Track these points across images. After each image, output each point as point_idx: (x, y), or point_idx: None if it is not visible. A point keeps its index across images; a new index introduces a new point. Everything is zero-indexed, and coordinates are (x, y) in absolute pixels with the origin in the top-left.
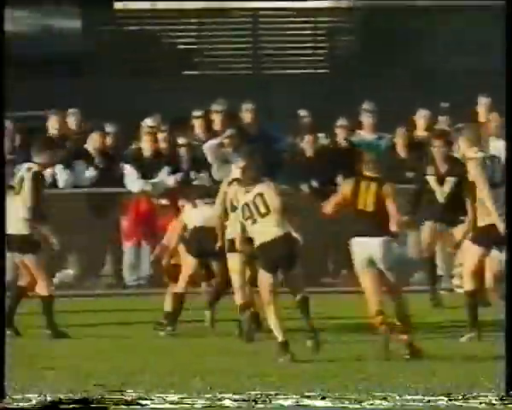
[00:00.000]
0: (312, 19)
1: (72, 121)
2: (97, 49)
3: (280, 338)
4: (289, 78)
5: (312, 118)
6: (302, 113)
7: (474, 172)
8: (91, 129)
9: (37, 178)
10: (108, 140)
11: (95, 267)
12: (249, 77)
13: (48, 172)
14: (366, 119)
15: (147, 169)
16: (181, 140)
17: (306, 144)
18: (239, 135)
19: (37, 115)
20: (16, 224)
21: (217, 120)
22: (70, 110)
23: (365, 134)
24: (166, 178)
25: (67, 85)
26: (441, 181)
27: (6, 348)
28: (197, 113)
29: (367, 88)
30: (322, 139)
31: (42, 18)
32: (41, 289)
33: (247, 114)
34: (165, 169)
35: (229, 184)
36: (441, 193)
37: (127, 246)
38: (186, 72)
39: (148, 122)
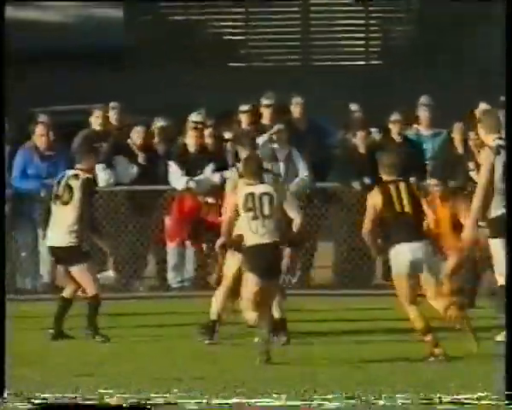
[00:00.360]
0: (364, 8)
1: (113, 116)
2: (140, 40)
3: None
4: (340, 70)
5: (364, 112)
6: (353, 106)
7: (484, 160)
8: (134, 124)
9: (88, 185)
10: (152, 135)
11: (137, 269)
12: (298, 69)
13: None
14: (422, 113)
15: (192, 166)
16: (227, 135)
17: (358, 140)
18: (288, 130)
19: (78, 109)
20: (61, 236)
21: (265, 115)
22: (111, 104)
23: (421, 129)
24: (212, 175)
25: (109, 78)
26: None
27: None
28: (244, 107)
29: (422, 80)
30: (375, 134)
31: (83, 8)
32: (89, 291)
33: (296, 108)
34: (211, 166)
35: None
36: None
37: (171, 246)
38: (232, 64)
39: (193, 117)
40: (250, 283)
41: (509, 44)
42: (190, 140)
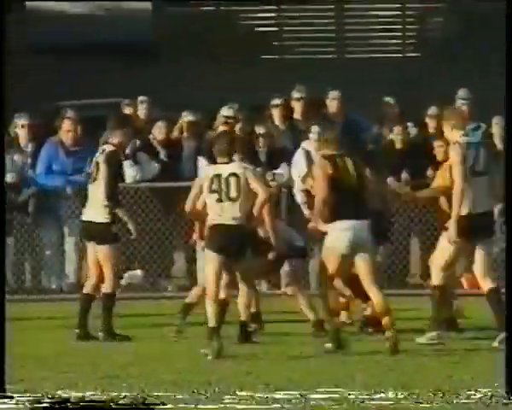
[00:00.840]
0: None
1: (141, 110)
2: (168, 34)
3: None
4: (375, 62)
5: (400, 106)
6: (389, 100)
7: (453, 157)
8: (162, 118)
9: (112, 158)
10: (179, 130)
11: (165, 268)
12: (332, 62)
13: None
14: (461, 106)
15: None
16: (259, 130)
17: (395, 135)
18: (324, 125)
19: (104, 103)
20: (94, 212)
21: (297, 108)
22: (140, 98)
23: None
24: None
25: (137, 72)
26: None
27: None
28: (276, 101)
29: (461, 73)
30: (411, 129)
31: (111, 1)
32: (106, 286)
33: (332, 102)
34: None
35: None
36: None
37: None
38: (265, 56)
39: (224, 112)
40: (210, 262)
41: (509, 44)
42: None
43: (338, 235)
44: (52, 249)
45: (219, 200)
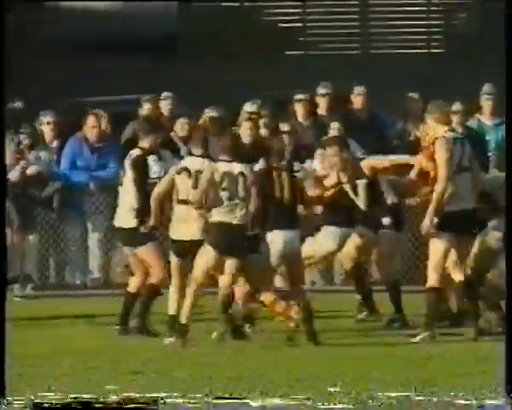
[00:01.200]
0: None
1: (166, 106)
2: (194, 29)
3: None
4: (400, 58)
5: (425, 101)
6: (414, 96)
7: (439, 152)
8: (185, 115)
9: (139, 163)
10: (201, 127)
11: None
12: (356, 57)
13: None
14: (485, 102)
15: (246, 158)
16: (283, 127)
17: (420, 131)
18: (349, 121)
19: (130, 100)
20: (123, 217)
21: (322, 104)
22: (164, 94)
23: (484, 119)
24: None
25: (162, 69)
26: None
27: None
28: (299, 96)
29: (485, 69)
30: None
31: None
32: (152, 277)
33: (357, 98)
34: (265, 158)
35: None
36: None
37: None
38: (289, 52)
39: (248, 107)
40: (206, 256)
41: (510, 44)
42: (244, 131)
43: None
44: (76, 245)
45: (230, 198)
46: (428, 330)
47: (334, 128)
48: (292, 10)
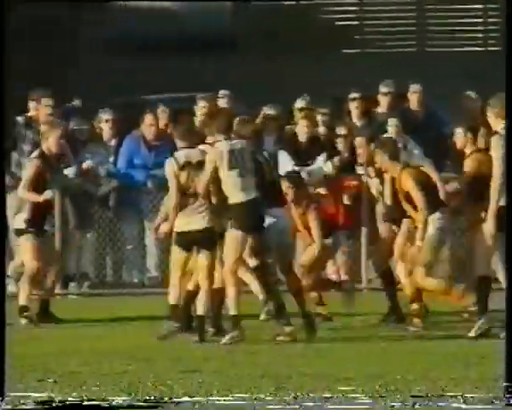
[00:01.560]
0: None
1: (223, 104)
2: (251, 27)
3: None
4: (457, 56)
5: (482, 100)
6: (471, 94)
7: (496, 148)
8: (242, 113)
9: (169, 166)
10: (262, 124)
11: None
12: (413, 55)
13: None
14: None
15: (302, 155)
16: (339, 131)
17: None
18: (405, 119)
19: (185, 97)
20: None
21: (383, 103)
22: (221, 92)
23: None
24: (324, 164)
25: (221, 66)
26: None
27: None
28: (354, 94)
29: None
30: None
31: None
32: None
33: (413, 96)
34: (323, 155)
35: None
36: None
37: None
38: (346, 50)
39: (298, 104)
40: (237, 241)
41: (510, 44)
42: (300, 128)
43: None
44: (133, 244)
45: (240, 174)
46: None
47: (392, 125)
48: (349, 8)
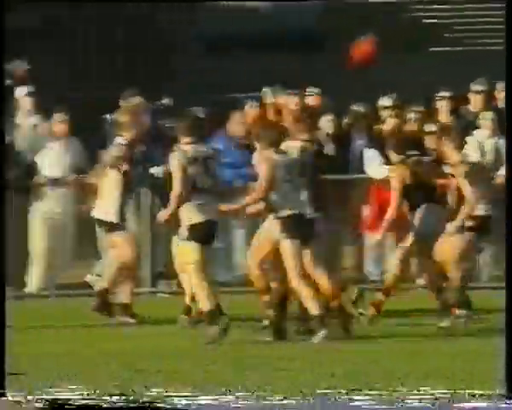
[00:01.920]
0: None
1: (311, 102)
2: (330, 25)
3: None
4: None
5: None
6: None
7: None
8: (331, 110)
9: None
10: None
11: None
12: (500, 54)
13: None
14: None
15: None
16: (429, 128)
17: None
18: (495, 119)
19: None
20: None
21: (475, 101)
22: (309, 89)
23: None
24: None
25: (300, 64)
26: None
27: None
28: (443, 93)
29: None
30: None
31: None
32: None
33: (501, 94)
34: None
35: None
36: None
37: (371, 237)
38: (433, 48)
39: (384, 102)
40: (292, 252)
41: (509, 44)
42: (388, 126)
43: None
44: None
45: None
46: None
47: (487, 118)
48: (436, 6)
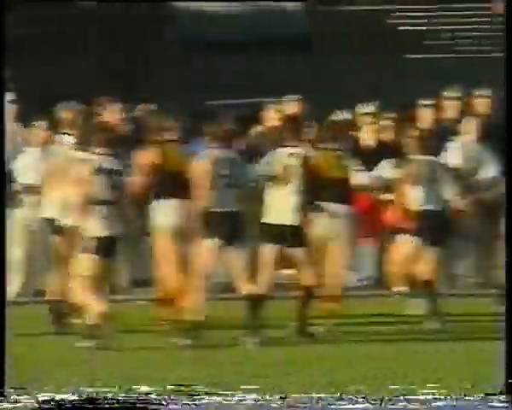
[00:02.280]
0: None
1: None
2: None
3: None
4: None
5: None
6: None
7: None
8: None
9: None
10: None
11: None
12: (484, 60)
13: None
14: None
15: (366, 160)
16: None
17: None
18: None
19: (253, 103)
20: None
21: (450, 108)
22: (289, 96)
23: None
24: (389, 170)
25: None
26: None
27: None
28: (426, 101)
29: None
30: None
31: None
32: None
33: (480, 101)
34: (389, 161)
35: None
36: None
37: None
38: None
39: (368, 109)
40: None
41: (509, 44)
42: (367, 133)
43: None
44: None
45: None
46: None
47: (467, 124)
48: (417, 14)
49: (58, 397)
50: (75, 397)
